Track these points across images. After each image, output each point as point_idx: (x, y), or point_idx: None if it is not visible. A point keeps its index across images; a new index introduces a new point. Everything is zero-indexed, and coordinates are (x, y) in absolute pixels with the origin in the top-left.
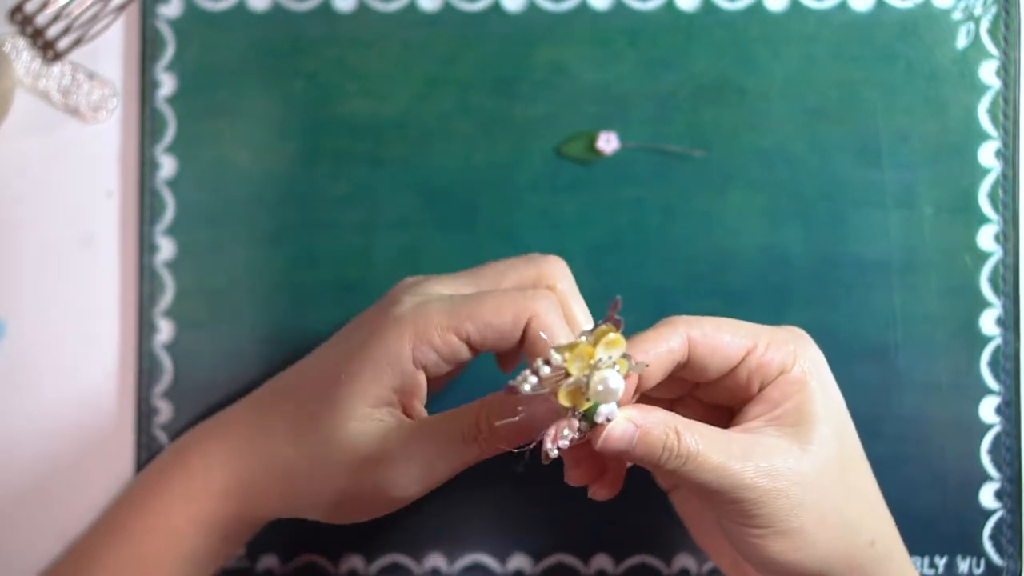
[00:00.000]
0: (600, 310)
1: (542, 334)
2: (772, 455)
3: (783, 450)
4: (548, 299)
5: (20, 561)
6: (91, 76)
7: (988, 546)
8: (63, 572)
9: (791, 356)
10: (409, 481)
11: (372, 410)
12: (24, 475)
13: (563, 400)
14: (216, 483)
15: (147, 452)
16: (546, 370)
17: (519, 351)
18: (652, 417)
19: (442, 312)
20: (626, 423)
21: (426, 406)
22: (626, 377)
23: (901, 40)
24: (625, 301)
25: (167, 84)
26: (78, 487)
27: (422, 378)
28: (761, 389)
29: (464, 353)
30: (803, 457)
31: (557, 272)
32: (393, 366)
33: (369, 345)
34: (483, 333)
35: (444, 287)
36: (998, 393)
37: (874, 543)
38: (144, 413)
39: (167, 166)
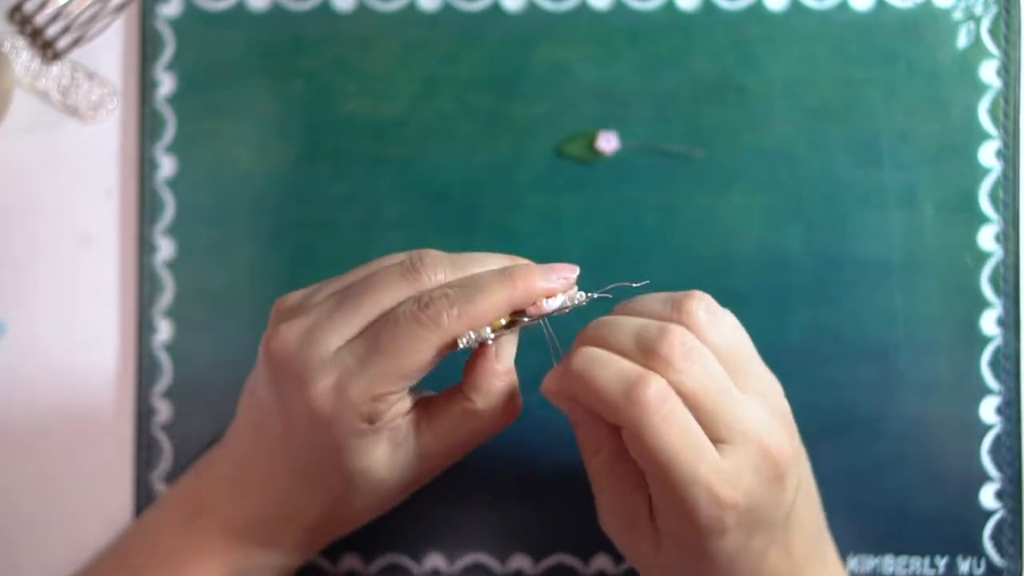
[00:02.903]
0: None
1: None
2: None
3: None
4: (438, 328)
5: (18, 561)
6: (90, 76)
7: (988, 546)
8: None
9: None
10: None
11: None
12: (23, 475)
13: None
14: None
15: (147, 452)
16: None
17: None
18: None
19: (360, 386)
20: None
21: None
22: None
23: (901, 40)
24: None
25: (166, 84)
26: (78, 487)
27: (376, 422)
28: None
29: (396, 402)
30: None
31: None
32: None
33: (317, 459)
34: (406, 379)
35: (333, 335)
36: (998, 393)
37: None
38: (144, 413)
39: (167, 166)
